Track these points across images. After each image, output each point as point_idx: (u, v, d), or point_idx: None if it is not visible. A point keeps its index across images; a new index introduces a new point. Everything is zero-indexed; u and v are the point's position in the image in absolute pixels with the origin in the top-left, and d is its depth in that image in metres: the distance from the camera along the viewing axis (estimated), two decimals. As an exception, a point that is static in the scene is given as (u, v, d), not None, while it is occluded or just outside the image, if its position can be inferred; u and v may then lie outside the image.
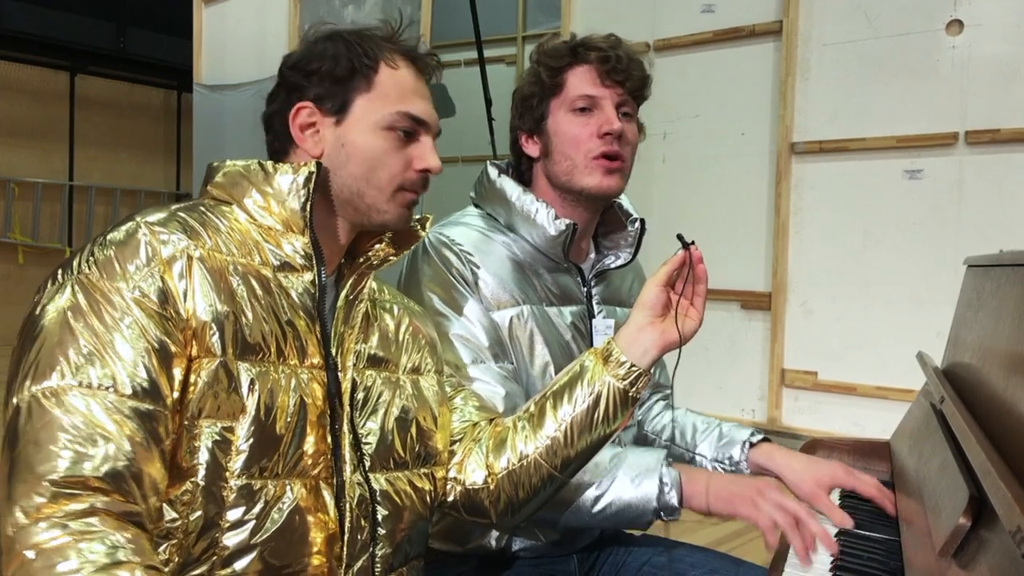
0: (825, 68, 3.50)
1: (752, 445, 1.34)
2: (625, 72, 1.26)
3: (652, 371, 1.05)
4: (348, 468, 0.94)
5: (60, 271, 0.85)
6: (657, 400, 1.49)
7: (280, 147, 1.01)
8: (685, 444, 1.41)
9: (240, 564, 0.85)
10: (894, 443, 1.46)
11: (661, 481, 1.14)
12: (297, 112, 0.98)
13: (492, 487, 1.06)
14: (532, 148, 1.31)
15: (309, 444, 0.91)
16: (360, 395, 0.98)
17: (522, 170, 1.35)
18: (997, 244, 1.44)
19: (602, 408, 1.02)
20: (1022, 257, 0.99)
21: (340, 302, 0.98)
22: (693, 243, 1.06)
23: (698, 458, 1.38)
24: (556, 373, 1.25)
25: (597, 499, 1.15)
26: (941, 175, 3.23)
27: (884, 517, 1.17)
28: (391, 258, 1.03)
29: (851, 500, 1.22)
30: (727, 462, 1.34)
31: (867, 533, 1.11)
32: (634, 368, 1.03)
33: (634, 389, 1.03)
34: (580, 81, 1.26)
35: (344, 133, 0.97)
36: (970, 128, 3.16)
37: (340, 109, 0.97)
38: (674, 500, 1.13)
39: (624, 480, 1.15)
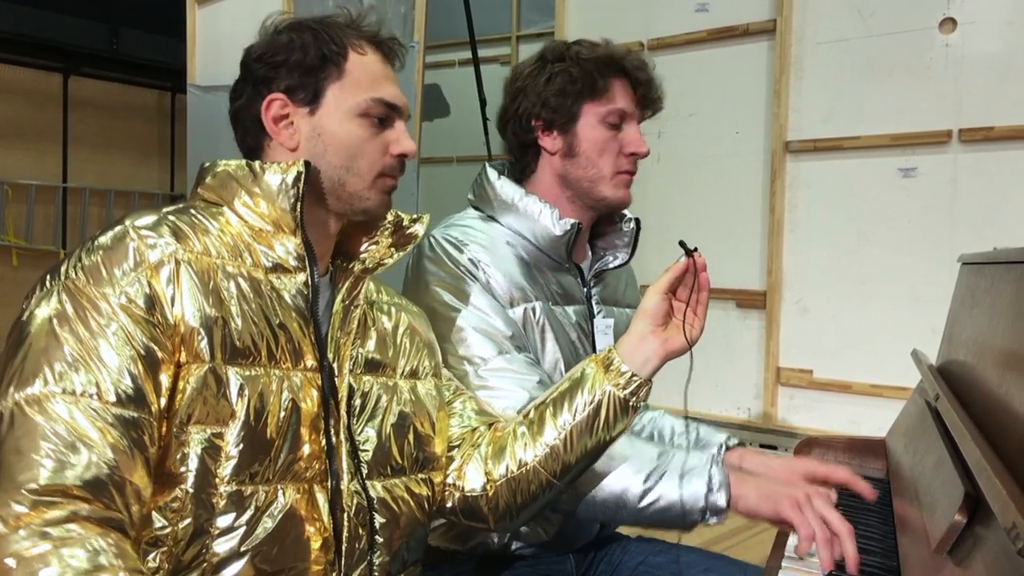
0: (819, 66, 3.51)
1: (728, 448, 1.34)
2: (657, 100, 1.32)
3: (653, 379, 1.04)
4: (345, 477, 0.93)
5: (48, 276, 0.84)
6: None
7: (253, 143, 1.00)
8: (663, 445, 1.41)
9: (231, 570, 0.84)
10: (889, 441, 1.46)
11: (710, 480, 1.11)
12: (269, 104, 0.96)
13: (491, 493, 1.05)
14: (550, 142, 1.30)
15: (302, 448, 0.90)
16: (357, 401, 0.97)
17: (525, 159, 1.33)
18: (991, 242, 1.45)
19: (602, 417, 1.02)
20: (1016, 255, 0.99)
21: (336, 307, 0.97)
22: (696, 250, 1.04)
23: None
24: (566, 370, 1.26)
25: (644, 494, 1.12)
26: (935, 173, 3.23)
27: (880, 515, 1.18)
28: (387, 261, 1.02)
29: (847, 499, 1.22)
30: None
31: (864, 531, 1.11)
32: (635, 377, 1.02)
33: (635, 399, 1.02)
34: (621, 95, 1.28)
35: (319, 123, 0.96)
36: (964, 126, 3.16)
37: (313, 99, 0.96)
38: (722, 501, 1.10)
39: (672, 477, 1.12)
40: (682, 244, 1.04)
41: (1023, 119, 3.04)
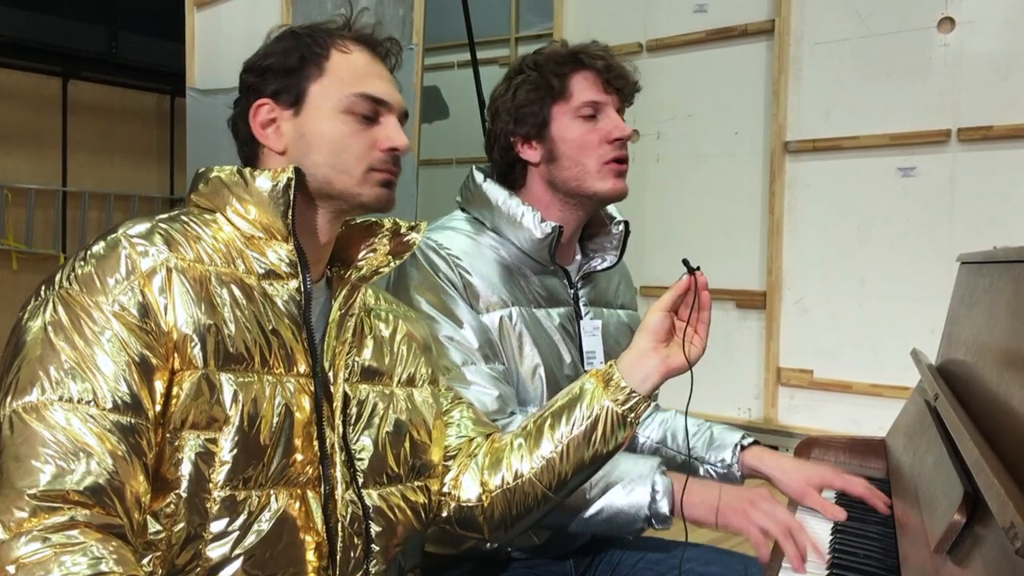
0: (818, 66, 3.51)
1: (743, 448, 1.34)
2: (624, 80, 1.30)
3: (652, 396, 1.03)
4: (340, 486, 0.93)
5: (43, 286, 0.85)
6: None
7: (249, 151, 1.00)
8: (676, 447, 1.41)
9: (224, 575, 0.84)
10: (889, 440, 1.46)
11: (653, 489, 1.13)
12: (256, 110, 0.97)
13: (486, 504, 1.05)
14: (531, 154, 1.30)
15: (295, 453, 0.90)
16: (353, 410, 0.97)
17: (513, 175, 1.33)
18: (990, 241, 1.45)
19: (599, 431, 1.01)
20: (1015, 254, 0.99)
21: (332, 315, 0.97)
22: (698, 268, 1.04)
23: (693, 462, 1.38)
24: (546, 375, 1.26)
25: (590, 503, 1.15)
26: (934, 172, 3.24)
27: (880, 514, 1.18)
28: (383, 270, 1.02)
29: (847, 499, 1.23)
30: (719, 464, 1.35)
31: (863, 530, 1.11)
32: (634, 394, 1.01)
33: (633, 415, 1.02)
34: (584, 87, 1.27)
35: (303, 123, 0.96)
36: (962, 125, 3.16)
37: (296, 100, 0.96)
38: (665, 508, 1.13)
39: (617, 487, 1.15)
40: (685, 263, 1.04)
41: (1022, 118, 3.05)
